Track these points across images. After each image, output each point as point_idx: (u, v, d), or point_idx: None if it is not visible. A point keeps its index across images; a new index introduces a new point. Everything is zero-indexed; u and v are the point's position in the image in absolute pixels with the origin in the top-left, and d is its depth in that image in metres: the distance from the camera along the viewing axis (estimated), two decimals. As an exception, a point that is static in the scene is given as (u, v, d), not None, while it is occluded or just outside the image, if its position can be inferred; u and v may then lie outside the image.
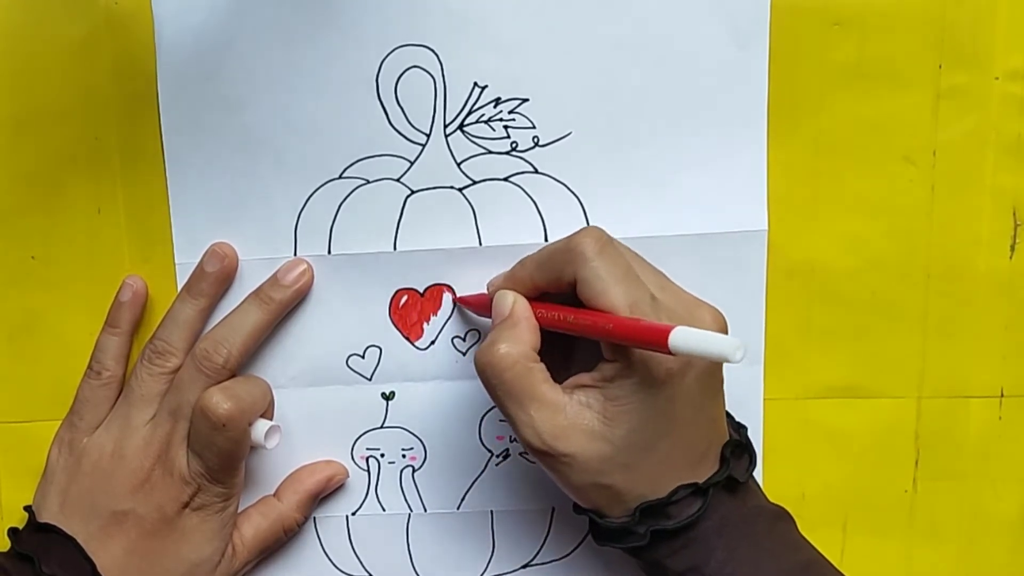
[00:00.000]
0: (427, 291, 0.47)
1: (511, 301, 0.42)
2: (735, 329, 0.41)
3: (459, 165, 0.46)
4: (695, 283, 0.45)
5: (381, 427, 0.49)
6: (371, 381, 0.48)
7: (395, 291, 0.47)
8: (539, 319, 0.42)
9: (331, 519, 0.49)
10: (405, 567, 0.50)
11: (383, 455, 0.49)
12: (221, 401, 0.44)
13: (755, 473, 0.43)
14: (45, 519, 0.46)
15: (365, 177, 0.47)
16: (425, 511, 0.49)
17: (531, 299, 0.42)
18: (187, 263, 0.47)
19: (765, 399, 0.47)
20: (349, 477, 0.49)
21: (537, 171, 0.46)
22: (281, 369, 0.48)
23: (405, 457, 0.49)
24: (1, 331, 0.49)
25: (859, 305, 0.47)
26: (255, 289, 0.47)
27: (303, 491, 0.48)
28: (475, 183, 0.47)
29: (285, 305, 0.47)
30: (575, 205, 0.46)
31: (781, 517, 0.42)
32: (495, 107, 0.46)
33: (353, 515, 0.49)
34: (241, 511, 0.48)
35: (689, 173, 0.46)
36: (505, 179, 0.46)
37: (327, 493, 0.49)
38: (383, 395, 0.48)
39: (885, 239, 0.46)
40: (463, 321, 0.48)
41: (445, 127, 0.46)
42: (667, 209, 0.46)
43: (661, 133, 0.46)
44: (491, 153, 0.46)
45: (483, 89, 0.46)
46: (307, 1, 0.46)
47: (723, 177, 0.46)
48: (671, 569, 0.40)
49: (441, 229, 0.47)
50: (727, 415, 0.42)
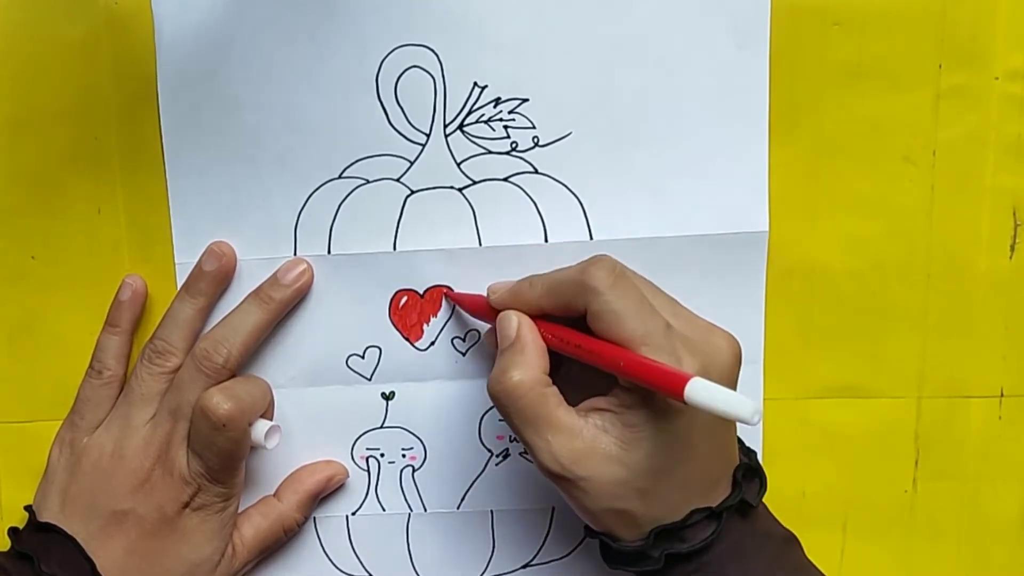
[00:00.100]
0: (427, 292, 0.47)
1: (516, 324, 0.41)
2: (735, 329, 0.41)
3: (459, 165, 0.46)
4: (695, 284, 0.46)
5: (381, 427, 0.49)
6: (371, 381, 0.48)
7: (395, 292, 0.47)
8: (546, 340, 0.41)
9: (331, 519, 0.50)
10: (405, 567, 0.50)
11: (383, 455, 0.49)
12: (221, 401, 0.44)
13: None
14: (45, 519, 0.46)
15: (365, 177, 0.47)
16: (425, 511, 0.49)
17: (535, 317, 0.42)
18: (187, 263, 0.47)
19: (765, 399, 0.47)
20: (349, 477, 0.49)
21: (537, 171, 0.46)
22: (281, 369, 0.48)
23: (405, 457, 0.49)
24: (1, 331, 0.49)
25: (859, 305, 0.47)
26: (255, 289, 0.47)
27: (303, 491, 0.48)
28: (475, 183, 0.47)
29: (285, 305, 0.47)
30: (575, 205, 0.46)
31: (790, 541, 0.42)
32: (495, 107, 0.46)
33: (353, 515, 0.50)
34: (241, 511, 0.48)
35: (689, 173, 0.46)
36: (505, 179, 0.46)
37: (327, 493, 0.49)
38: (383, 395, 0.48)
39: (885, 239, 0.46)
40: (463, 322, 0.48)
41: (445, 127, 0.46)
42: (667, 210, 0.46)
43: (661, 133, 0.46)
44: (491, 153, 0.46)
45: (483, 89, 0.46)
46: (307, 1, 0.45)
47: (723, 178, 0.46)
48: None
49: (441, 229, 0.47)
50: (736, 439, 0.42)
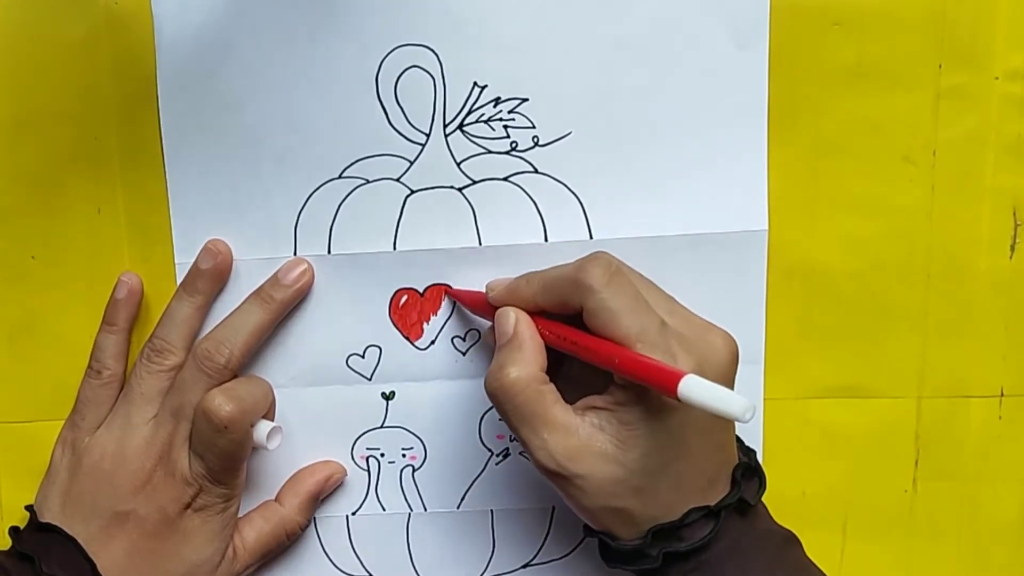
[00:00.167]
0: (427, 291, 0.47)
1: (513, 320, 0.42)
2: (735, 329, 0.41)
3: (459, 165, 0.46)
4: (695, 283, 0.45)
5: (381, 427, 0.49)
6: (371, 381, 0.48)
7: (395, 291, 0.47)
8: (543, 337, 0.41)
9: (331, 519, 0.50)
10: (405, 567, 0.50)
11: (383, 455, 0.49)
12: (223, 403, 0.44)
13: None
14: (47, 519, 0.46)
15: (365, 177, 0.47)
16: (425, 511, 0.49)
17: (533, 314, 0.42)
18: (187, 263, 0.47)
19: (765, 399, 0.47)
20: (349, 477, 0.49)
21: (537, 171, 0.46)
22: (281, 369, 0.48)
23: (405, 457, 0.49)
24: (1, 331, 0.49)
25: (859, 305, 0.47)
26: (256, 289, 0.47)
27: (303, 493, 0.48)
28: (475, 183, 0.46)
29: (286, 305, 0.47)
30: (575, 205, 0.46)
31: (790, 540, 0.42)
32: (495, 107, 0.46)
33: (353, 515, 0.50)
34: (243, 515, 0.48)
35: (689, 173, 0.46)
36: (505, 179, 0.46)
37: (327, 493, 0.49)
38: (383, 395, 0.48)
39: (885, 239, 0.46)
40: (463, 321, 0.48)
41: (445, 127, 0.46)
42: (667, 209, 0.46)
43: (661, 133, 0.46)
44: (491, 153, 0.46)
45: (483, 89, 0.46)
46: (307, 1, 0.45)
47: (723, 177, 0.46)
48: None
49: (441, 229, 0.47)
50: (736, 439, 0.42)
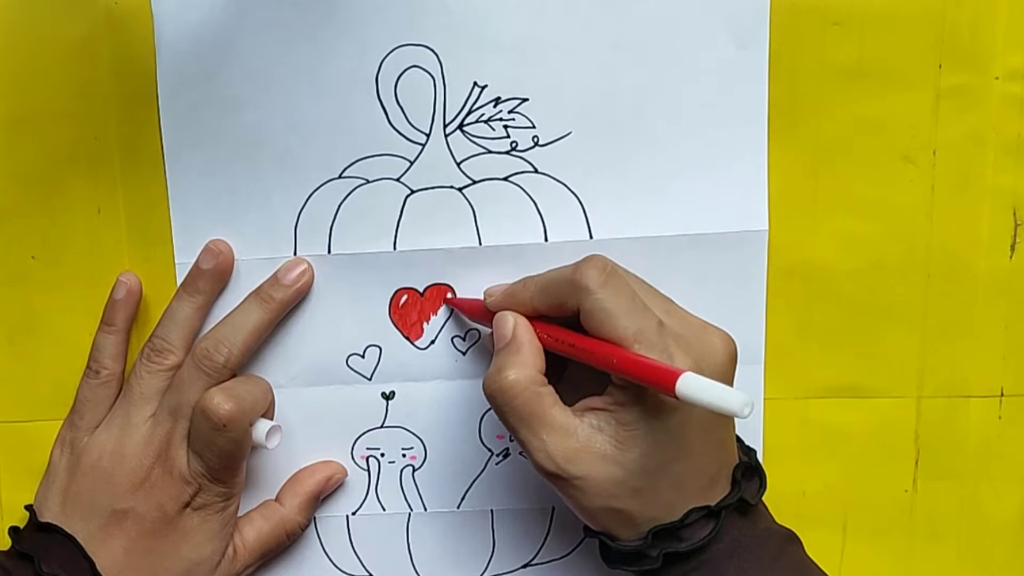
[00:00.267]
0: (427, 291, 0.47)
1: (512, 323, 0.42)
2: (735, 329, 0.41)
3: (459, 165, 0.46)
4: (695, 283, 0.46)
5: (381, 427, 0.49)
6: (371, 381, 0.48)
7: (395, 291, 0.47)
8: (541, 340, 0.41)
9: (331, 519, 0.50)
10: (405, 567, 0.50)
11: (383, 455, 0.49)
12: (222, 402, 0.44)
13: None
14: (46, 518, 0.46)
15: (365, 177, 0.47)
16: (425, 510, 0.49)
17: (531, 318, 0.42)
18: (187, 263, 0.47)
19: (765, 399, 0.47)
20: (349, 477, 0.49)
21: (537, 171, 0.46)
22: (281, 369, 0.48)
23: (405, 457, 0.49)
24: (1, 331, 0.49)
25: (859, 305, 0.47)
26: (255, 288, 0.47)
27: (304, 493, 0.48)
28: (475, 183, 0.47)
29: (286, 304, 0.47)
30: (575, 205, 0.46)
31: (791, 540, 0.42)
32: (495, 107, 0.46)
33: (353, 515, 0.50)
34: (243, 514, 0.48)
35: (689, 173, 0.46)
36: (505, 179, 0.46)
37: (327, 493, 0.49)
38: (383, 395, 0.48)
39: (885, 239, 0.46)
40: (463, 321, 0.48)
41: (445, 127, 0.46)
42: (667, 209, 0.46)
43: (661, 133, 0.46)
44: (491, 153, 0.46)
45: (483, 89, 0.46)
46: (307, 1, 0.45)
47: (723, 177, 0.46)
48: None
49: (441, 229, 0.47)
50: (736, 438, 0.42)
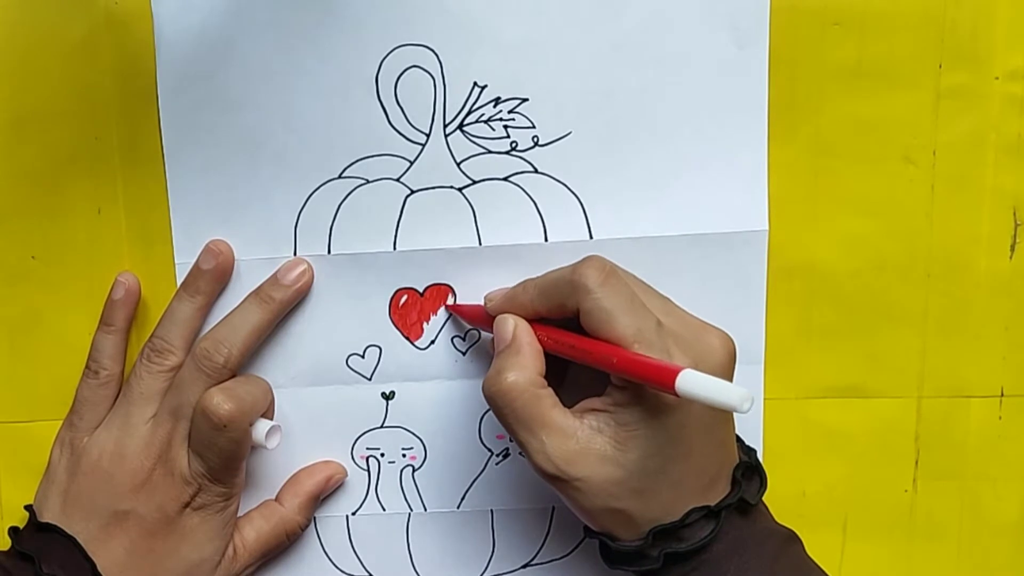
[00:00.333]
0: (427, 291, 0.47)
1: (512, 326, 0.42)
2: (735, 329, 0.41)
3: (459, 165, 0.46)
4: (695, 283, 0.46)
5: (381, 427, 0.49)
6: (371, 381, 0.48)
7: (395, 291, 0.47)
8: (541, 343, 0.41)
9: (331, 519, 0.50)
10: (405, 567, 0.50)
11: (383, 455, 0.49)
12: (222, 402, 0.44)
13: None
14: (46, 519, 0.46)
15: (365, 177, 0.47)
16: (425, 510, 0.49)
17: (532, 321, 0.42)
18: (187, 263, 0.47)
19: (765, 399, 0.47)
20: (349, 477, 0.49)
21: (537, 171, 0.46)
22: (281, 369, 0.48)
23: (405, 457, 0.49)
24: (1, 331, 0.49)
25: (859, 305, 0.47)
26: (255, 288, 0.47)
27: (303, 493, 0.48)
28: (475, 183, 0.47)
29: (285, 304, 0.47)
30: (575, 205, 0.46)
31: (791, 539, 0.42)
32: (495, 107, 0.46)
33: (353, 515, 0.50)
34: (243, 514, 0.48)
35: (689, 173, 0.46)
36: (505, 179, 0.46)
37: (327, 493, 0.49)
38: (383, 395, 0.48)
39: (885, 239, 0.46)
40: (462, 321, 0.48)
41: (445, 127, 0.46)
42: (667, 209, 0.46)
43: (661, 133, 0.46)
44: (491, 153, 0.46)
45: (483, 89, 0.46)
46: (307, 1, 0.45)
47: (723, 177, 0.46)
48: None
49: (441, 229, 0.47)
50: (736, 438, 0.42)
